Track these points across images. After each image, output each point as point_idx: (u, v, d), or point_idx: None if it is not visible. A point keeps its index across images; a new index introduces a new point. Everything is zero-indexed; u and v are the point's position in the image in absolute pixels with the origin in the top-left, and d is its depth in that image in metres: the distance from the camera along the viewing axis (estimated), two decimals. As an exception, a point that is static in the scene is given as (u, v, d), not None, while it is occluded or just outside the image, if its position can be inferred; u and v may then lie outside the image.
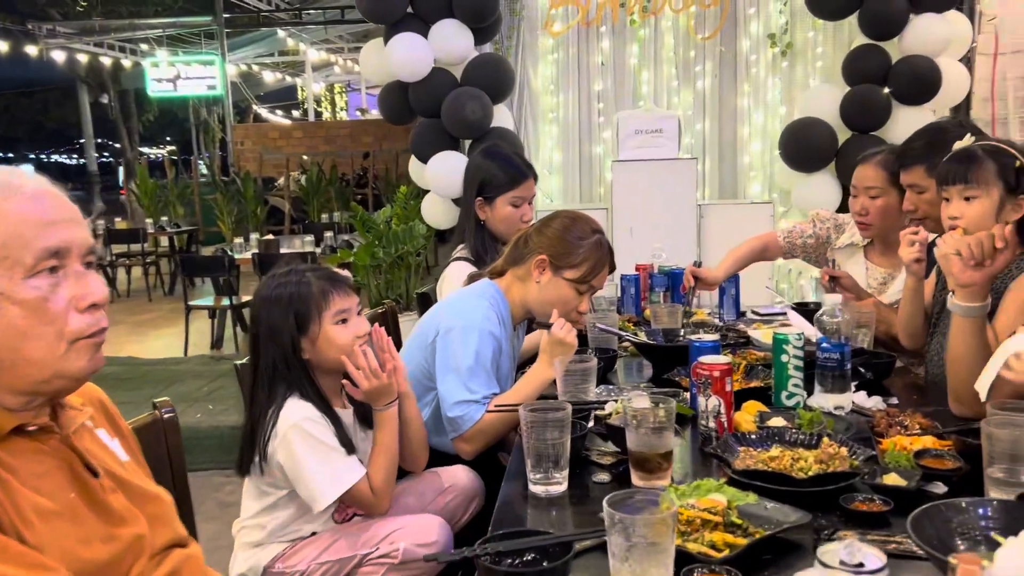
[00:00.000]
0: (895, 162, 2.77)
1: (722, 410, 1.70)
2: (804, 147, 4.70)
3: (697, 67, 5.33)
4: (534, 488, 1.55)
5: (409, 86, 4.95)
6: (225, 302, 6.38)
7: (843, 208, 4.65)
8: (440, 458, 2.03)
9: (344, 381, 1.83)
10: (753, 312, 3.11)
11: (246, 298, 6.68)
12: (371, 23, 7.27)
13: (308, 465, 1.72)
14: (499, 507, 1.52)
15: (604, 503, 1.12)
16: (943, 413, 1.88)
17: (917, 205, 2.50)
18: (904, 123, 4.54)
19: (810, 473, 1.47)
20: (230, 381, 4.72)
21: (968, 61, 4.81)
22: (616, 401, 1.78)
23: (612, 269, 2.14)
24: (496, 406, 1.90)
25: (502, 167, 2.62)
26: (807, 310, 2.89)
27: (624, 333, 2.40)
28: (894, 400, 1.97)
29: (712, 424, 1.70)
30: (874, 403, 1.94)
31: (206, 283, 8.99)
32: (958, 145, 2.18)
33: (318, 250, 7.61)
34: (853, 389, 1.96)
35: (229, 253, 7.10)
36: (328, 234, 8.16)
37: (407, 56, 4.83)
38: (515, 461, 1.71)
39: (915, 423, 1.71)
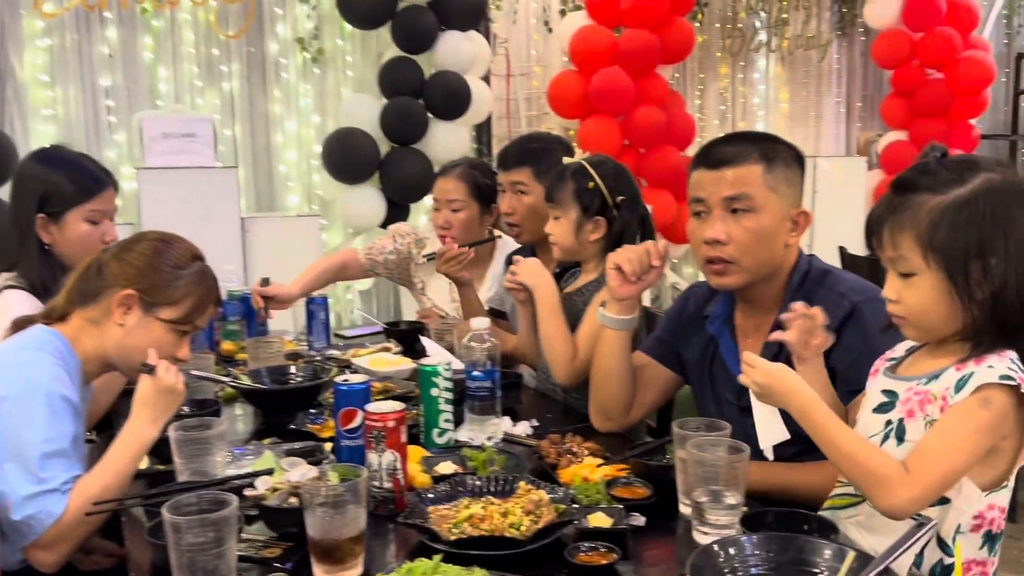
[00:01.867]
0: (478, 174, 2.78)
1: (398, 466, 1.46)
2: (347, 158, 4.61)
3: (223, 67, 4.91)
4: (189, 615, 1.15)
5: None
6: None
7: (389, 221, 4.67)
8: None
9: None
10: (337, 335, 2.90)
11: None
12: None
13: None
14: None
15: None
16: (589, 431, 1.88)
17: (515, 208, 2.51)
18: (441, 136, 4.70)
19: (523, 529, 1.31)
20: None
21: (487, 80, 5.16)
22: (270, 474, 1.43)
23: (220, 303, 1.76)
24: (100, 502, 1.41)
25: (71, 175, 2.03)
26: (401, 331, 2.75)
27: (226, 380, 2.01)
28: (535, 423, 1.92)
29: (388, 484, 1.45)
30: (523, 429, 1.87)
31: None
32: (567, 162, 2.25)
33: None
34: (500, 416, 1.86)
35: None
36: None
37: None
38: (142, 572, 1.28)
39: (583, 449, 1.66)
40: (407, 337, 2.70)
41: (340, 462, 1.58)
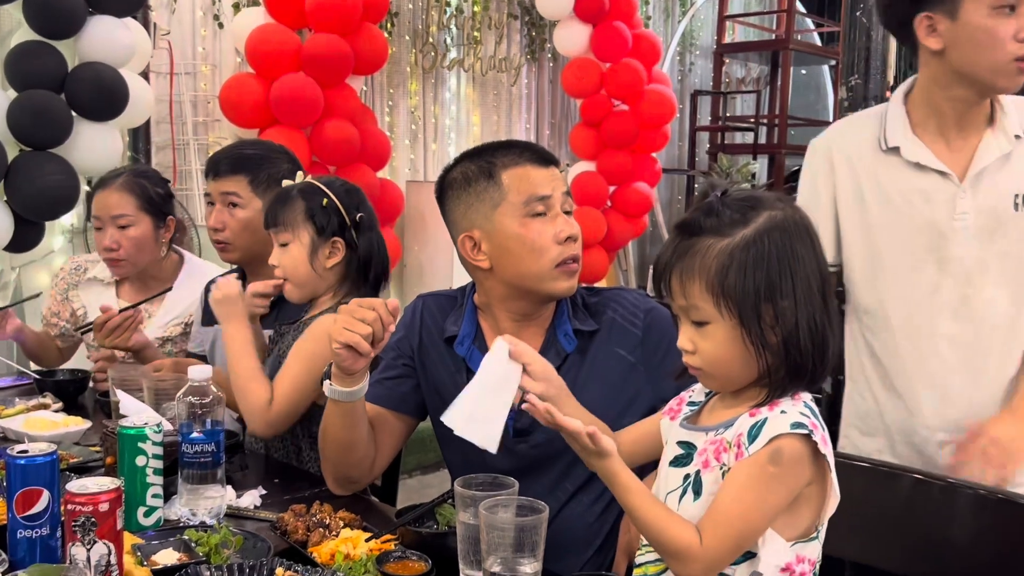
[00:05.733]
0: (147, 182, 2.54)
1: (113, 560, 1.25)
2: (-40, 162, 3.99)
3: None
4: None
5: None
6: None
7: (17, 241, 4.13)
8: None
9: None
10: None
11: None
12: None
13: None
14: None
15: None
16: (327, 495, 1.76)
17: (226, 222, 2.31)
18: (88, 140, 4.24)
19: (293, 628, 1.17)
20: None
21: (147, 77, 4.77)
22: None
23: None
24: None
25: None
26: (59, 381, 2.41)
27: None
28: (263, 491, 1.76)
29: (98, 586, 1.23)
30: (250, 500, 1.71)
31: None
32: (286, 183, 2.11)
33: None
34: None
35: None
36: None
37: None
38: None
39: (336, 520, 1.54)
40: (68, 389, 2.39)
41: (16, 559, 1.34)
